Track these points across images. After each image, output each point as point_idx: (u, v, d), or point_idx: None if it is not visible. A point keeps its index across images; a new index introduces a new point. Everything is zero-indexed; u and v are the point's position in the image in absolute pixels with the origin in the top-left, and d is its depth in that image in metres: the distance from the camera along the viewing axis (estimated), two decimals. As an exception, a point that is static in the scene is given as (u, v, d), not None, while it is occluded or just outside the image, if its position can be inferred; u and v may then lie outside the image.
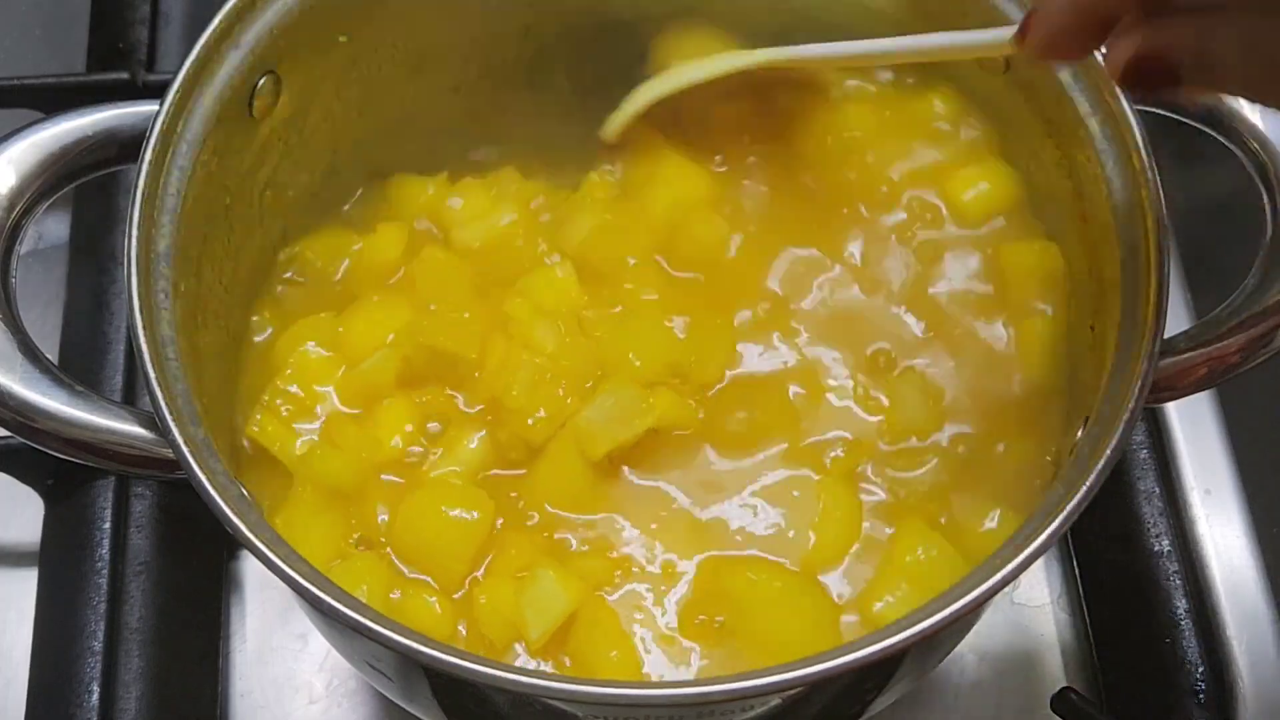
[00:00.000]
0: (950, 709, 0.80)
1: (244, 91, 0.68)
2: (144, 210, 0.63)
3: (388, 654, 0.57)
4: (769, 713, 0.60)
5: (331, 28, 0.72)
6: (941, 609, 0.54)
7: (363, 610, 0.54)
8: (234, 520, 0.56)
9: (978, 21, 0.70)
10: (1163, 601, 0.78)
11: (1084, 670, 0.81)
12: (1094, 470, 0.57)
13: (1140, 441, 0.82)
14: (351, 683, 0.79)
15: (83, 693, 0.73)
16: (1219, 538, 0.84)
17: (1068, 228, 0.69)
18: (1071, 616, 0.83)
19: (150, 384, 0.59)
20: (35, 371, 0.61)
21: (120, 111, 0.67)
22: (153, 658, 0.75)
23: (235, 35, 0.67)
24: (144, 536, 0.78)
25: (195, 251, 0.66)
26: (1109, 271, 0.64)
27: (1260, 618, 0.82)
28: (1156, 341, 0.60)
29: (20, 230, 0.64)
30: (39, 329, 0.79)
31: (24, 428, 0.61)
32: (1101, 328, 0.65)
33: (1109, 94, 0.65)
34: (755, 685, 0.53)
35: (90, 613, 0.75)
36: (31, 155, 0.65)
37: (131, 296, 0.61)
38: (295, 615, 0.81)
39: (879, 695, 0.67)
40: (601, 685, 0.55)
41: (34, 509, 0.81)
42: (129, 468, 0.63)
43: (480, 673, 0.53)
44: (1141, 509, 0.80)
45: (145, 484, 0.79)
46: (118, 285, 0.84)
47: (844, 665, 0.53)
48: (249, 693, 0.79)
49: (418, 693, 0.65)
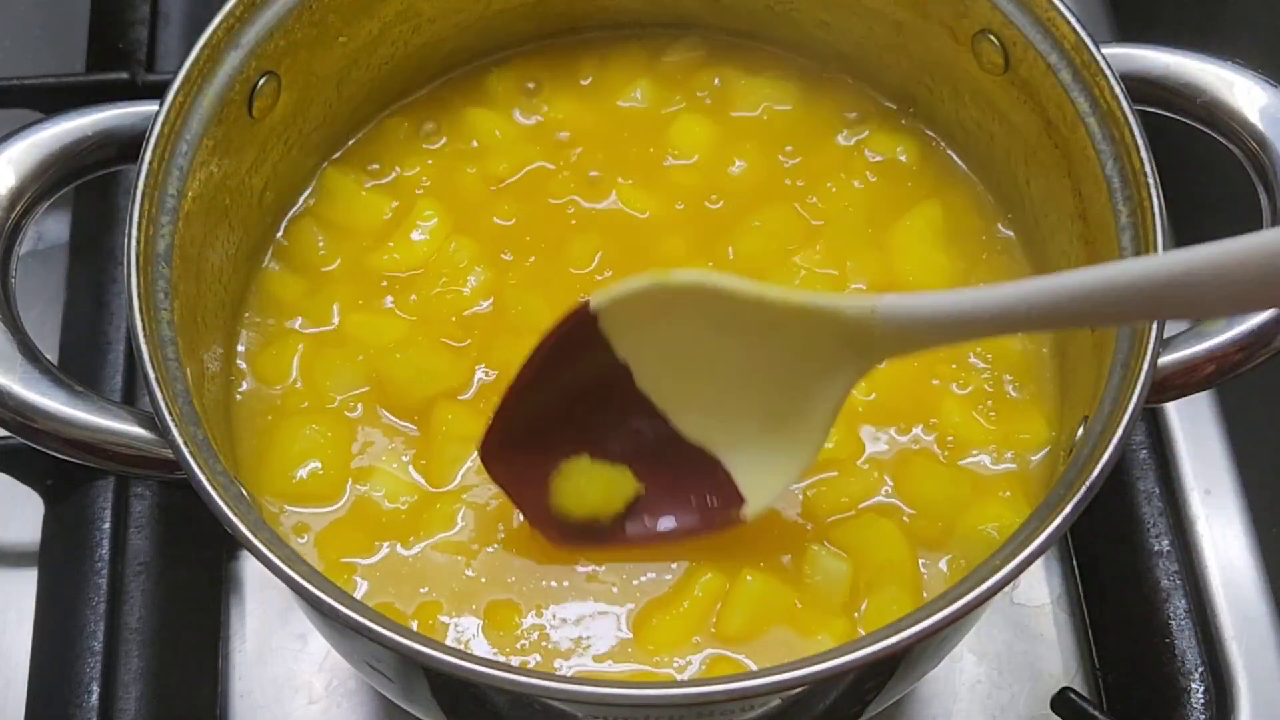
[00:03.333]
0: (950, 709, 0.80)
1: (244, 91, 0.68)
2: (144, 210, 0.63)
3: (388, 654, 0.57)
4: (769, 713, 0.60)
5: (331, 27, 0.72)
6: (941, 609, 0.54)
7: (363, 610, 0.54)
8: (234, 520, 0.56)
9: (978, 21, 0.70)
10: (1163, 601, 0.78)
11: (1084, 670, 0.81)
12: (1094, 470, 0.57)
13: (1140, 441, 0.82)
14: (351, 683, 0.79)
15: (83, 693, 0.73)
16: (1219, 538, 0.84)
17: (1068, 227, 0.69)
18: (1071, 616, 0.83)
19: (150, 384, 0.59)
20: (35, 371, 0.61)
21: (120, 111, 0.67)
22: (153, 658, 0.75)
23: (235, 35, 0.67)
24: (144, 536, 0.78)
25: (195, 251, 0.66)
26: (1109, 271, 0.64)
27: (1260, 618, 0.82)
28: (1157, 341, 0.60)
29: (20, 230, 0.64)
30: (39, 329, 0.79)
31: (24, 428, 0.61)
32: (1101, 328, 0.65)
33: (1108, 94, 0.65)
34: (755, 685, 0.53)
35: (90, 613, 0.75)
36: (31, 155, 0.65)
37: (131, 296, 0.61)
38: (295, 615, 0.81)
39: (879, 695, 0.67)
40: (601, 685, 0.55)
41: (34, 509, 0.81)
42: (129, 468, 0.63)
43: (480, 673, 0.53)
44: (1141, 509, 0.80)
45: (145, 484, 0.79)
46: (118, 285, 0.84)
47: (844, 665, 0.53)
48: (249, 693, 0.79)
49: (418, 693, 0.65)
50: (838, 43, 0.79)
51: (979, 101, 0.74)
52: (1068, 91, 0.67)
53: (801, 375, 0.62)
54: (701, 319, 0.62)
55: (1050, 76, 0.67)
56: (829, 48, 0.79)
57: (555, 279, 0.73)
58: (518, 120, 0.79)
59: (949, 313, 0.57)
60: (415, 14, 0.76)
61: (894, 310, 0.59)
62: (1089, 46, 0.66)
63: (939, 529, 0.67)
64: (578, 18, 0.80)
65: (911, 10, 0.74)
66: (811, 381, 0.62)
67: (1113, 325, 0.61)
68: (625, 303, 0.62)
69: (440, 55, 0.79)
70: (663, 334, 0.63)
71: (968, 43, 0.72)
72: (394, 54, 0.77)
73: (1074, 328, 0.63)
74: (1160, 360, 0.61)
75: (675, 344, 0.63)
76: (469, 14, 0.77)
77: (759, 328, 0.61)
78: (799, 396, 0.62)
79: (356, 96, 0.77)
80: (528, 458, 0.65)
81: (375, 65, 0.76)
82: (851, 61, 0.79)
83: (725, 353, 0.63)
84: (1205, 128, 0.67)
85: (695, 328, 0.62)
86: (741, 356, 0.63)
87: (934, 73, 0.76)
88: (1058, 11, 0.67)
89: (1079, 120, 0.66)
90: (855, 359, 0.61)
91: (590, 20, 0.81)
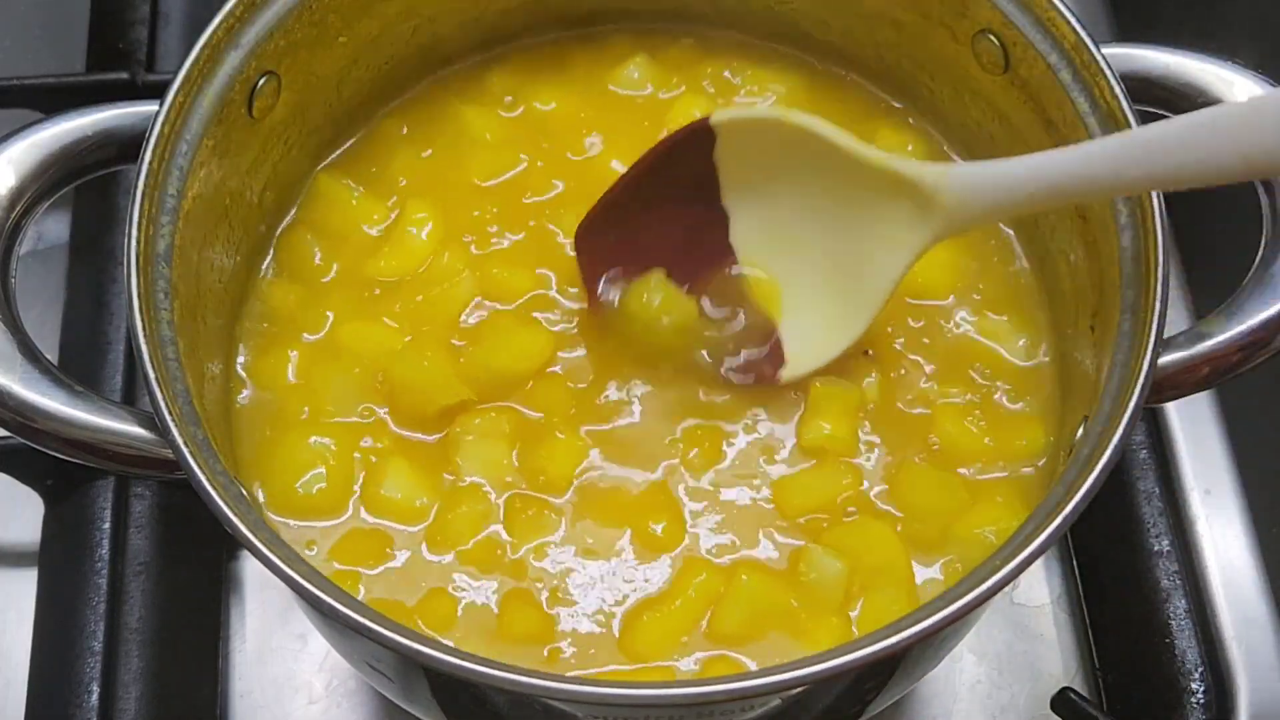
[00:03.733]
0: (950, 709, 0.80)
1: (244, 91, 0.68)
2: (144, 210, 0.63)
3: (388, 654, 0.57)
4: (769, 713, 0.60)
5: (331, 27, 0.72)
6: (942, 609, 0.54)
7: (363, 610, 0.54)
8: (234, 520, 0.56)
9: (978, 21, 0.70)
10: (1163, 601, 0.78)
11: (1084, 670, 0.81)
12: (1094, 470, 0.57)
13: (1140, 441, 0.82)
14: (351, 683, 0.79)
15: (83, 693, 0.73)
16: (1219, 538, 0.84)
17: (1068, 226, 0.69)
18: (1071, 616, 0.83)
19: (150, 384, 0.59)
20: (35, 371, 0.61)
21: (120, 111, 0.67)
22: (153, 658, 0.75)
23: (235, 35, 0.67)
24: (144, 536, 0.78)
25: (195, 252, 0.66)
26: (1109, 271, 0.64)
27: (1259, 618, 0.82)
28: (1157, 341, 0.60)
29: (20, 230, 0.64)
30: (39, 329, 0.79)
31: (24, 428, 0.61)
32: (1101, 328, 0.65)
33: (1108, 94, 0.65)
34: (755, 685, 0.53)
35: (90, 613, 0.75)
36: (31, 155, 0.65)
37: (131, 296, 0.61)
38: (295, 615, 0.81)
39: (879, 695, 0.67)
40: (601, 685, 0.55)
41: (34, 509, 0.81)
42: (129, 468, 0.63)
43: (480, 673, 0.53)
44: (1141, 509, 0.80)
45: (145, 484, 0.79)
46: (118, 285, 0.84)
47: (845, 665, 0.53)
48: (249, 693, 0.79)
49: (418, 693, 0.65)
50: (838, 42, 0.79)
51: (979, 101, 0.74)
52: (1068, 91, 0.67)
53: (875, 237, 0.67)
54: (802, 165, 0.67)
55: (1050, 76, 0.67)
56: (830, 47, 0.79)
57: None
58: (514, 117, 0.79)
59: (1013, 174, 0.62)
60: (415, 14, 0.76)
61: (965, 174, 0.64)
62: (1089, 46, 0.66)
63: (935, 532, 0.67)
64: (577, 14, 0.80)
65: (911, 10, 0.74)
66: (880, 245, 0.66)
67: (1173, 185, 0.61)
68: (742, 127, 0.67)
69: (440, 55, 0.79)
70: (764, 181, 0.68)
71: (968, 43, 0.72)
72: (394, 54, 0.77)
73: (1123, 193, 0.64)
74: (1160, 360, 0.61)
75: (772, 197, 0.69)
76: (469, 14, 0.78)
77: (849, 184, 0.66)
78: (866, 261, 0.67)
79: (356, 97, 0.77)
80: (614, 251, 0.70)
81: (375, 65, 0.76)
82: (854, 61, 0.79)
83: (812, 209, 0.68)
84: (1206, 127, 0.67)
85: (793, 178, 0.68)
86: (827, 213, 0.68)
87: (934, 73, 0.76)
88: (1058, 11, 0.67)
89: (1079, 120, 0.66)
90: (927, 225, 0.65)
91: (590, 17, 0.81)
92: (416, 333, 0.71)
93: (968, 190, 0.64)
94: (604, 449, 0.68)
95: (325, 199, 0.76)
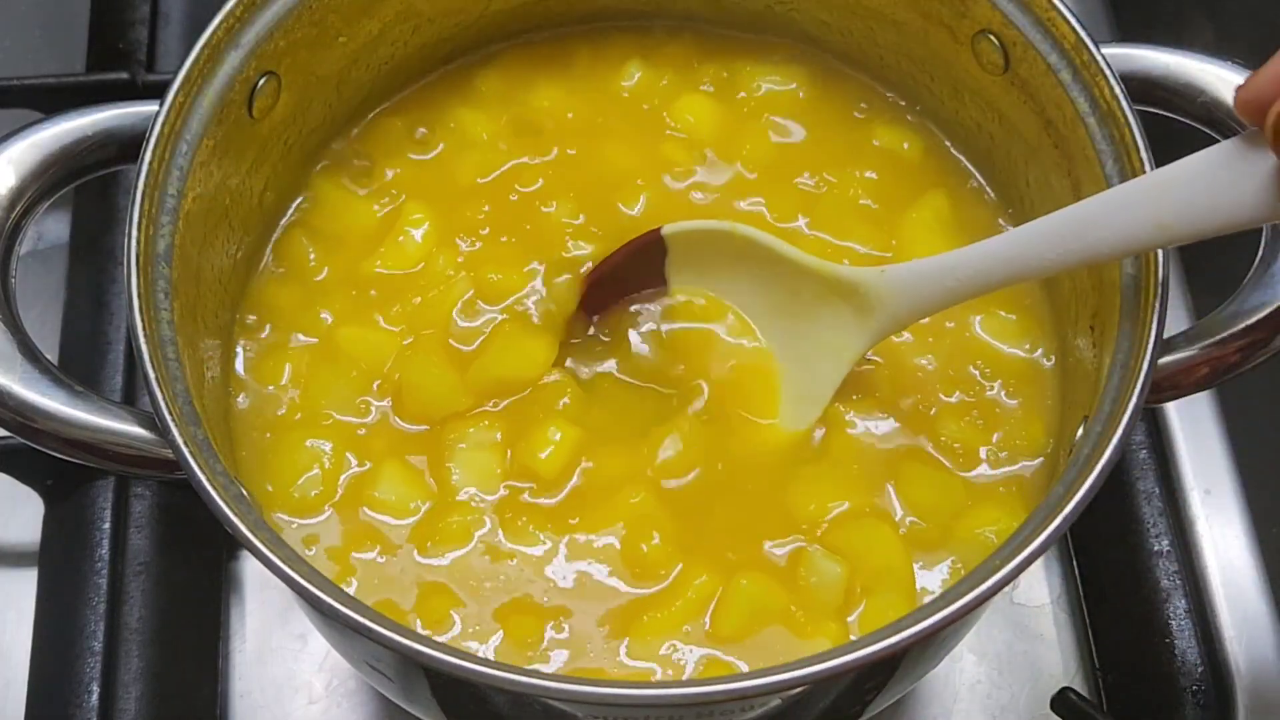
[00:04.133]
0: (950, 709, 0.80)
1: (244, 91, 0.68)
2: (144, 210, 0.63)
3: (388, 654, 0.57)
4: (769, 713, 0.60)
5: (331, 27, 0.72)
6: (941, 609, 0.54)
7: (363, 610, 0.54)
8: (234, 520, 0.56)
9: (978, 21, 0.70)
10: (1163, 601, 0.78)
11: (1084, 670, 0.81)
12: (1094, 470, 0.57)
13: (1140, 441, 0.82)
14: (351, 683, 0.79)
15: (83, 693, 0.73)
16: (1219, 538, 0.84)
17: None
18: (1071, 616, 0.83)
19: (150, 384, 0.59)
20: (35, 371, 0.61)
21: (120, 111, 0.67)
22: (153, 658, 0.75)
23: (235, 35, 0.67)
24: (144, 536, 0.78)
25: (195, 252, 0.66)
26: (1109, 271, 0.64)
27: (1260, 618, 0.82)
28: (1157, 341, 0.60)
29: (20, 230, 0.64)
30: (39, 329, 0.79)
31: (24, 428, 0.61)
32: (1101, 327, 0.65)
33: (1108, 94, 0.65)
34: (755, 685, 0.53)
35: (90, 613, 0.75)
36: (31, 155, 0.65)
37: (131, 296, 0.61)
38: (295, 615, 0.81)
39: (879, 695, 0.67)
40: (602, 685, 0.55)
41: (34, 509, 0.81)
42: (129, 468, 0.63)
43: (480, 673, 0.53)
44: (1141, 509, 0.80)
45: (145, 484, 0.79)
46: (118, 285, 0.84)
47: (845, 665, 0.53)
48: (249, 693, 0.79)
49: (418, 693, 0.65)
50: (838, 42, 0.79)
51: (979, 101, 0.74)
52: (1068, 91, 0.67)
53: (820, 341, 0.69)
54: (752, 271, 0.70)
55: (1050, 76, 0.67)
56: (830, 46, 0.79)
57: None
58: (513, 118, 0.79)
59: (948, 268, 0.64)
60: (415, 14, 0.76)
61: (899, 272, 0.66)
62: (1089, 46, 0.66)
63: (935, 534, 0.67)
64: (577, 14, 0.80)
65: (911, 10, 0.74)
66: (827, 345, 0.69)
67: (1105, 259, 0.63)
68: (692, 238, 0.70)
69: (440, 55, 0.79)
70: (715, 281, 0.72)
71: (968, 43, 0.72)
72: (394, 54, 0.77)
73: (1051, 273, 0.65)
74: (1160, 360, 0.61)
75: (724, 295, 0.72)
76: (469, 14, 0.78)
77: (796, 289, 0.69)
78: (813, 357, 0.69)
79: (356, 97, 0.77)
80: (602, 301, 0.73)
81: (375, 65, 0.76)
82: (854, 60, 0.79)
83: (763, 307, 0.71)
84: (1205, 128, 0.67)
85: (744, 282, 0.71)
86: (779, 310, 0.70)
87: (934, 72, 0.76)
88: (1058, 11, 0.67)
89: (1079, 120, 0.66)
90: (870, 323, 0.67)
91: (589, 15, 0.81)
92: (418, 335, 0.71)
93: (905, 289, 0.66)
94: (601, 450, 0.68)
95: (324, 199, 0.76)
